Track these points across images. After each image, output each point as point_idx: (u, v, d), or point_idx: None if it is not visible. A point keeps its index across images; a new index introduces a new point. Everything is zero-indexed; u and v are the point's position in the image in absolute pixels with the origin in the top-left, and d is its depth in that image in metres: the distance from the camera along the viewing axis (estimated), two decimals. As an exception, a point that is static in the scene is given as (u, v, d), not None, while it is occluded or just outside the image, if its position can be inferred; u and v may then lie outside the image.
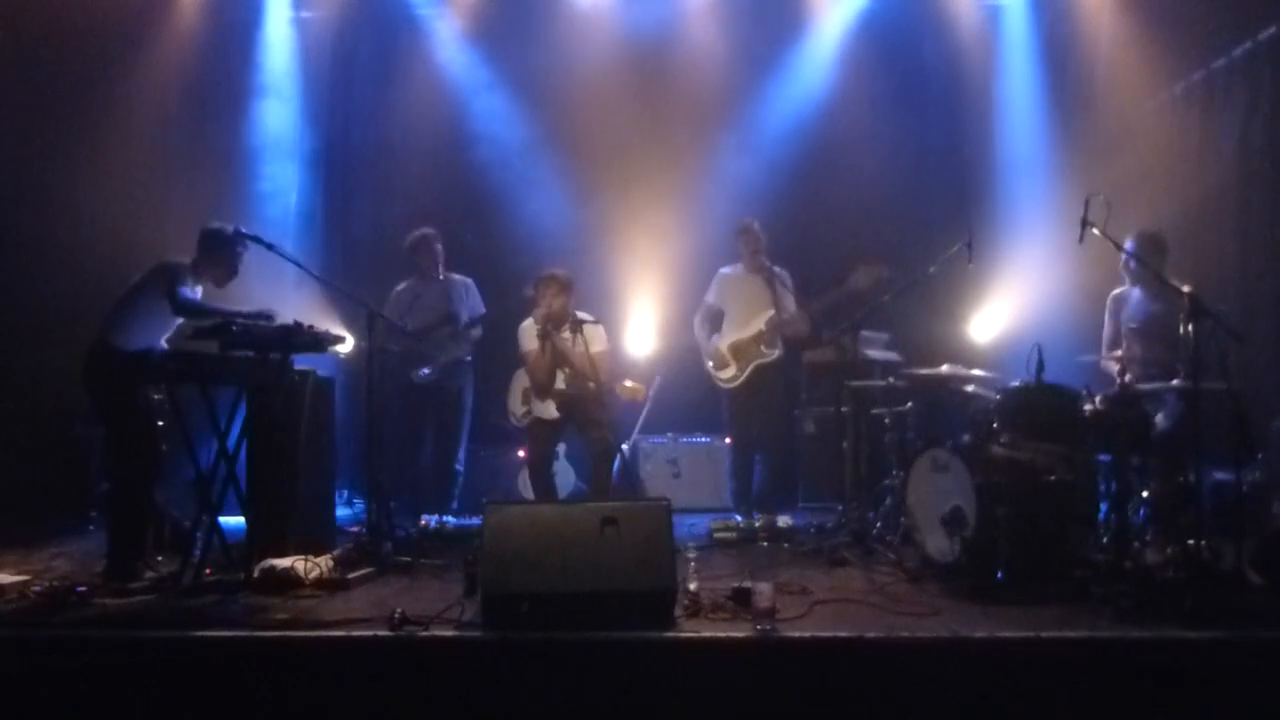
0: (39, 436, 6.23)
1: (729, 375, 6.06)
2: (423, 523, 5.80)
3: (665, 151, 7.33)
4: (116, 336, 4.62)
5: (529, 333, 5.75)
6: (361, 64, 7.66)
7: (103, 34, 7.13)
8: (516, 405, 5.97)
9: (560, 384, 5.70)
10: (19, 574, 4.58)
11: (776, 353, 6.03)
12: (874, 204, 7.30)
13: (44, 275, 6.71)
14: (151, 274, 4.72)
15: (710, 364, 6.17)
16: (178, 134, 7.39)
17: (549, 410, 5.75)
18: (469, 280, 6.48)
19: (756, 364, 5.98)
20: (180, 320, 4.82)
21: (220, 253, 4.85)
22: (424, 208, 7.10)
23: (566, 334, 5.59)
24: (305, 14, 7.64)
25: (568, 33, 7.44)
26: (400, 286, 6.37)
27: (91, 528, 5.85)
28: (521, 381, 5.93)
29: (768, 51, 7.58)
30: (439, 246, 6.33)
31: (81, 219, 6.75)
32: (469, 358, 6.38)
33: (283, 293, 5.86)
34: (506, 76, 7.71)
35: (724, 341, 6.10)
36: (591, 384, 5.49)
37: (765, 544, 5.34)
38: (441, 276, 6.32)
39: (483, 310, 6.42)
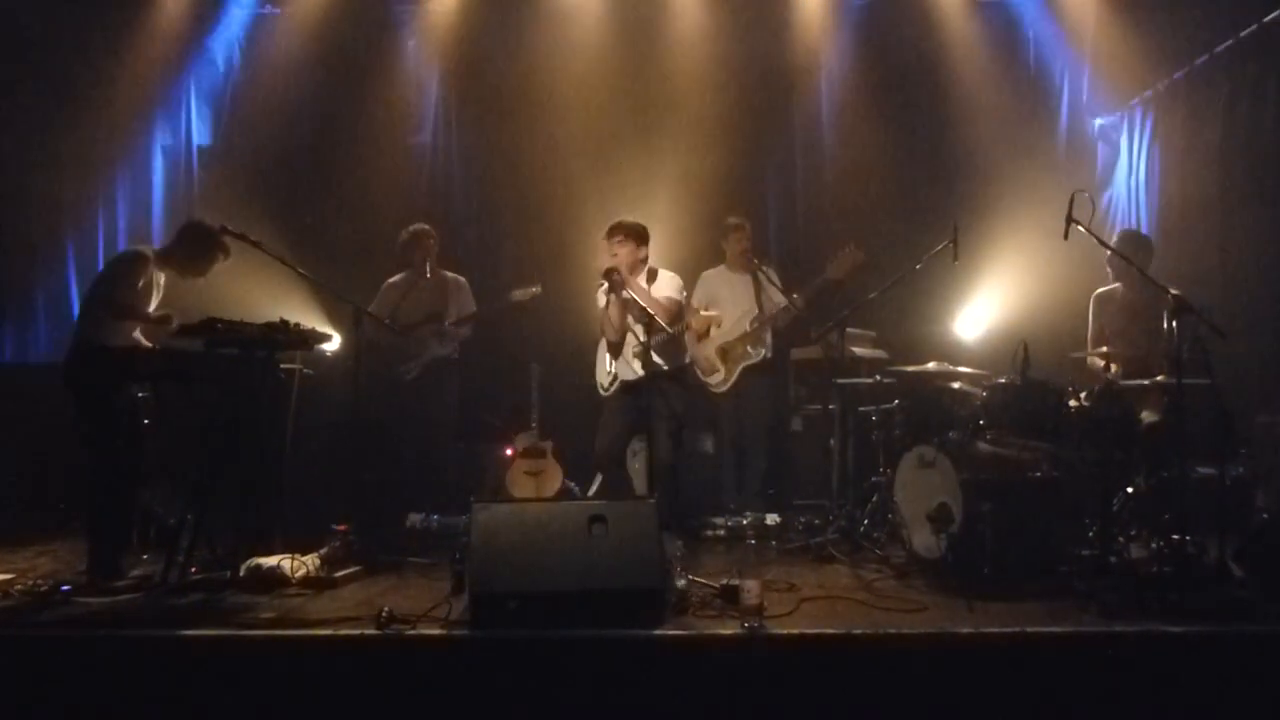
0: (22, 434, 6.18)
1: (718, 380, 5.99)
2: (410, 521, 5.78)
3: (649, 149, 7.30)
4: (98, 333, 4.53)
5: (599, 296, 5.53)
6: (340, 56, 7.58)
7: (83, 29, 7.10)
8: (602, 375, 5.67)
9: (641, 334, 5.04)
10: (2, 573, 4.55)
11: (764, 353, 5.98)
12: (859, 201, 7.30)
13: (27, 271, 6.66)
14: (113, 264, 4.68)
15: (699, 370, 6.10)
16: (157, 129, 7.36)
17: (632, 369, 5.38)
18: (461, 279, 6.44)
19: (745, 366, 5.94)
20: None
21: (196, 249, 4.72)
22: (410, 203, 7.06)
23: (638, 282, 5.30)
24: (287, 9, 7.59)
25: (554, 25, 7.41)
26: (393, 279, 6.33)
27: (76, 525, 5.80)
28: (602, 349, 5.69)
29: (752, 47, 7.55)
30: (432, 243, 6.30)
31: (64, 215, 6.71)
32: (455, 356, 6.35)
33: (268, 289, 5.84)
34: (492, 70, 7.67)
35: (711, 345, 6.03)
36: (663, 331, 5.07)
37: (753, 541, 5.34)
38: (431, 274, 6.30)
39: (473, 309, 6.39)
